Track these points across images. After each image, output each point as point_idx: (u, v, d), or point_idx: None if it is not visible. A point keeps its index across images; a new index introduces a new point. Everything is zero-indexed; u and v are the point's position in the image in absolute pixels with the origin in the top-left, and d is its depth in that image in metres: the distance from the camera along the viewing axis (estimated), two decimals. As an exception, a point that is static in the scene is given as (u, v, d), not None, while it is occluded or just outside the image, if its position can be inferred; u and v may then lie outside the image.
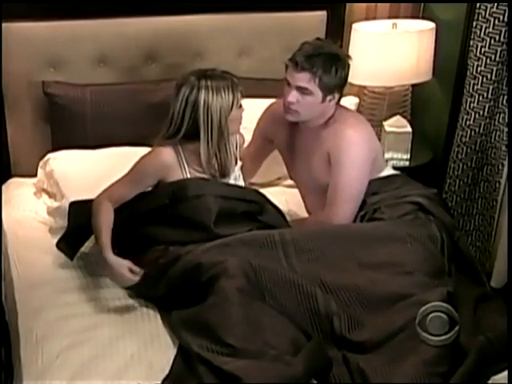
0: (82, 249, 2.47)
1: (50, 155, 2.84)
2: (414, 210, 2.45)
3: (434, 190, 2.61)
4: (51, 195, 2.81)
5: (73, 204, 2.48)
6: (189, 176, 2.39)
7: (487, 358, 1.90)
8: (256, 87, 2.98)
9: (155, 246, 2.33)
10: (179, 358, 1.97)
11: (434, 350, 1.88)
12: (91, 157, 2.83)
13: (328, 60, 2.38)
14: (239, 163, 2.52)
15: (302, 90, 2.39)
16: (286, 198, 2.86)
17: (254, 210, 2.42)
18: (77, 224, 2.44)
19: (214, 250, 2.20)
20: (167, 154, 2.37)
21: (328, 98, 2.42)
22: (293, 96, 2.40)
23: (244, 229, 2.33)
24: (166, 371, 1.92)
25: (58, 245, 2.43)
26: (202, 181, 2.38)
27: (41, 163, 2.86)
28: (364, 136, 2.49)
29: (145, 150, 2.48)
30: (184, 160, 2.39)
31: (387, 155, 3.10)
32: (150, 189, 2.43)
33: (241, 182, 2.52)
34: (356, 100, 3.23)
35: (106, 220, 2.32)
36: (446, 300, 2.02)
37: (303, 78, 2.37)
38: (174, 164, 2.38)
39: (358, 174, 2.46)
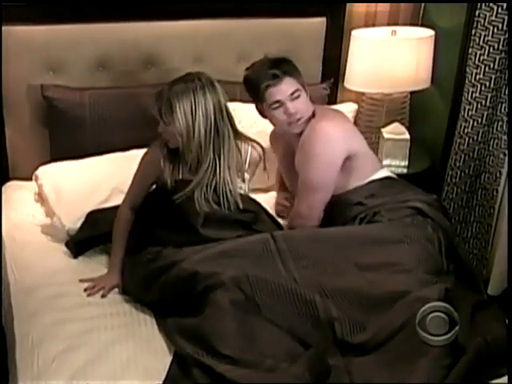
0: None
1: (40, 169, 2.79)
2: (413, 214, 2.45)
3: (433, 196, 2.61)
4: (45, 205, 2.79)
5: (91, 214, 2.56)
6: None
7: (484, 358, 1.89)
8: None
9: (149, 247, 2.34)
10: (175, 364, 1.96)
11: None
12: (81, 167, 2.80)
13: (284, 62, 2.48)
14: (245, 184, 2.49)
15: (293, 96, 2.45)
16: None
17: (249, 219, 2.41)
18: (89, 235, 2.52)
19: (211, 259, 2.18)
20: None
21: (307, 90, 2.51)
22: (292, 107, 2.46)
23: (233, 234, 2.33)
24: (162, 376, 1.92)
25: (66, 243, 2.52)
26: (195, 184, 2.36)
27: (33, 176, 2.80)
28: (336, 129, 2.51)
29: (139, 154, 2.51)
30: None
31: (385, 162, 3.10)
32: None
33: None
34: (355, 106, 3.23)
35: (123, 233, 2.42)
36: (445, 297, 2.02)
37: (290, 83, 2.45)
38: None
39: (323, 165, 2.47)
